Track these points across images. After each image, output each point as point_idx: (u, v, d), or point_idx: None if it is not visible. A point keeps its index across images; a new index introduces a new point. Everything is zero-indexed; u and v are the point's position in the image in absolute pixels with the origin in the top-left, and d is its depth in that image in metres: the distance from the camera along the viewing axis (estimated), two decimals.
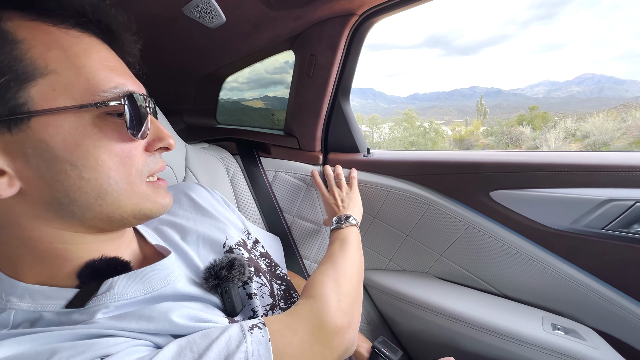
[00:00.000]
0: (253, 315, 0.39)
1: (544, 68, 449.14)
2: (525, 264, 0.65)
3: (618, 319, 0.59)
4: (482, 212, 0.68)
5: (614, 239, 0.57)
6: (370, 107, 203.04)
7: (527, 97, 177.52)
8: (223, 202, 0.54)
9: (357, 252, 0.55)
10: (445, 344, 0.70)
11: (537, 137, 15.17)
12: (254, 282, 0.42)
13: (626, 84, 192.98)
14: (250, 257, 0.45)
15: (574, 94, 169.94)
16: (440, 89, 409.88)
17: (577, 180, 0.58)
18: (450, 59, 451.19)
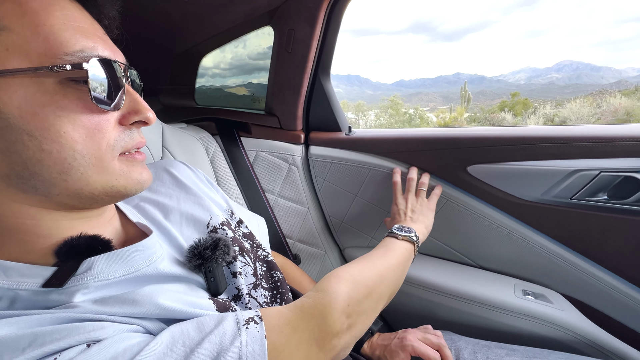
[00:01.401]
0: (238, 293, 0.39)
1: (526, 55, 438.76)
2: (499, 235, 0.68)
3: (582, 284, 0.62)
4: (459, 186, 0.70)
5: (581, 208, 0.60)
6: (356, 93, 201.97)
7: (509, 84, 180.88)
8: (206, 180, 0.53)
9: (396, 270, 0.48)
10: (424, 315, 0.72)
11: (518, 123, 15.58)
12: (238, 262, 0.41)
13: (602, 71, 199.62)
14: (234, 236, 0.44)
15: (554, 80, 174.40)
16: (426, 75, 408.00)
17: (546, 152, 0.60)
18: (435, 45, 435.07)
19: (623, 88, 52.62)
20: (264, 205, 0.83)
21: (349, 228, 0.84)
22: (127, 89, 0.32)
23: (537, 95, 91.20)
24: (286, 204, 0.84)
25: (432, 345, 0.52)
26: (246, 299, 0.39)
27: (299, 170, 0.82)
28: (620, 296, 0.60)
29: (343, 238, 0.86)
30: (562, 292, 0.65)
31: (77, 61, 0.27)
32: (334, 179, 0.81)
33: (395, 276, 0.47)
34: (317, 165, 0.81)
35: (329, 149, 0.80)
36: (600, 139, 0.56)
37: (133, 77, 0.34)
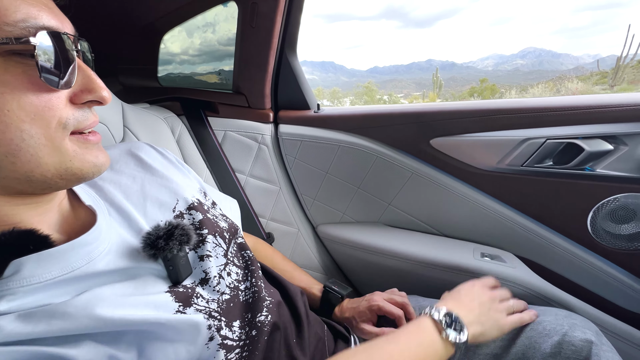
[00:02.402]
0: (205, 276, 0.38)
1: (493, 41, 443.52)
2: (460, 204, 0.72)
3: (532, 244, 0.68)
4: (423, 159, 0.73)
5: (530, 175, 0.65)
6: (331, 80, 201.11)
7: (478, 70, 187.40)
8: (177, 162, 0.50)
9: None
10: (394, 283, 0.76)
11: None
12: (209, 244, 0.40)
13: (562, 58, 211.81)
14: (206, 217, 0.43)
15: (519, 66, 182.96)
16: (399, 62, 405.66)
17: (500, 123, 0.64)
18: (408, 31, 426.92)
19: (580, 74, 56.09)
20: (235, 186, 0.82)
21: (321, 205, 0.86)
22: (79, 64, 0.29)
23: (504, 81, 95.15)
24: (257, 184, 0.84)
25: (396, 304, 0.55)
26: (214, 282, 0.38)
27: (269, 149, 0.82)
28: (563, 253, 0.66)
29: (316, 215, 0.88)
30: (515, 252, 0.70)
31: (20, 33, 0.25)
32: (305, 157, 0.82)
33: None
34: (287, 143, 0.82)
35: (299, 127, 0.81)
36: (546, 109, 0.61)
37: (84, 49, 0.32)
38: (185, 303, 0.34)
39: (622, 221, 0.62)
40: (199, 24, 0.89)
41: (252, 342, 0.38)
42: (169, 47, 0.95)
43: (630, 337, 0.57)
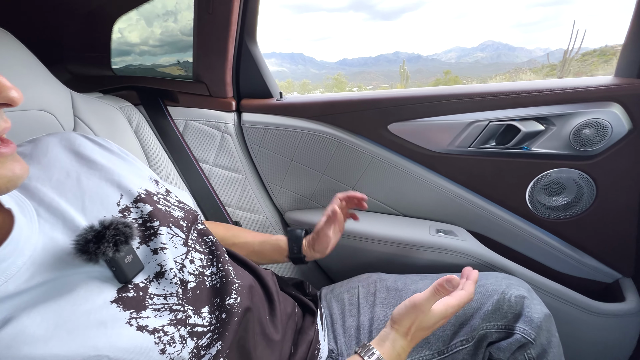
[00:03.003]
0: (160, 270, 0.36)
1: (455, 34, 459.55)
2: (416, 185, 0.77)
3: (479, 218, 0.75)
4: (382, 144, 0.77)
5: (477, 155, 0.71)
6: (300, 72, 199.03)
7: (442, 62, 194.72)
8: (119, 151, 0.46)
9: None
10: (358, 262, 0.80)
11: None
12: (163, 235, 0.38)
13: (517, 51, 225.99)
14: (156, 209, 0.40)
15: (479, 59, 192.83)
16: (368, 54, 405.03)
17: (449, 107, 0.69)
18: (375, 24, 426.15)
19: (533, 66, 60.09)
20: (199, 176, 0.81)
21: (287, 192, 0.88)
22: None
23: (466, 73, 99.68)
24: (222, 173, 0.84)
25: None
26: (171, 274, 0.36)
27: (232, 138, 0.82)
28: (506, 224, 0.73)
29: (283, 202, 0.89)
30: (465, 227, 0.77)
31: None
32: (269, 145, 0.83)
33: None
34: (250, 132, 0.82)
35: (262, 115, 0.81)
36: (488, 94, 0.67)
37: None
38: (138, 308, 0.32)
39: (554, 194, 0.70)
40: (159, 12, 0.86)
41: (222, 325, 0.39)
42: (126, 37, 0.90)
43: (557, 293, 0.66)
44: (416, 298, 0.43)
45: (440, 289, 0.42)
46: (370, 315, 0.59)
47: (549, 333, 0.51)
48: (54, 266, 0.30)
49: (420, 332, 0.44)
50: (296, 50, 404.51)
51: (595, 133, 0.63)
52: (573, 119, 0.63)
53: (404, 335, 0.43)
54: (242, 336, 0.41)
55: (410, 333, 0.43)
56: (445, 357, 0.53)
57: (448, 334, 0.54)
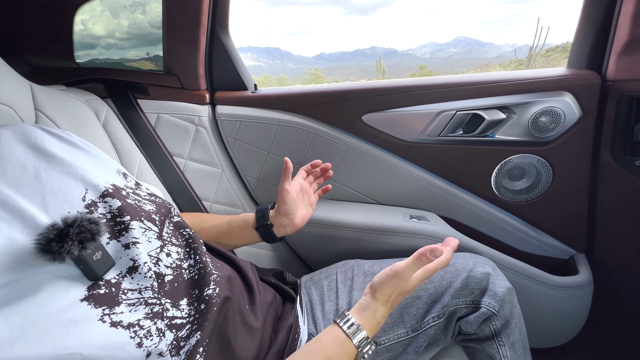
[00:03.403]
0: (133, 264, 0.36)
1: (429, 30, 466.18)
2: (391, 174, 0.80)
3: (450, 204, 0.79)
4: (357, 134, 0.79)
5: (446, 143, 0.75)
6: (277, 67, 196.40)
7: (417, 57, 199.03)
8: (82, 144, 0.43)
9: None
10: (338, 250, 0.82)
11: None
12: (134, 230, 0.37)
13: (487, 46, 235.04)
14: (125, 203, 0.39)
15: (452, 54, 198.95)
16: (345, 48, 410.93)
17: (419, 98, 0.72)
18: (351, 18, 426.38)
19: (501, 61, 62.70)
20: (174, 170, 0.80)
21: (265, 185, 0.88)
22: None
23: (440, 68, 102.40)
24: (198, 167, 0.82)
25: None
26: (144, 268, 0.36)
27: (207, 131, 0.81)
28: (473, 209, 0.78)
29: (261, 195, 0.89)
30: (437, 212, 0.81)
31: None
32: (245, 138, 0.82)
33: None
34: (225, 124, 0.81)
35: (237, 108, 0.81)
36: (455, 85, 0.70)
37: None
38: (111, 304, 0.32)
39: (516, 178, 0.75)
40: (125, 3, 0.82)
41: (201, 315, 0.39)
42: (90, 29, 0.86)
43: (519, 269, 0.71)
44: (398, 267, 0.44)
45: (422, 259, 0.43)
46: (349, 299, 0.61)
47: (511, 305, 0.55)
48: (14, 267, 0.29)
49: (399, 297, 0.46)
50: (273, 45, 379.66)
51: (550, 120, 0.68)
52: (531, 108, 0.68)
53: (384, 303, 0.45)
54: (221, 325, 0.42)
55: (390, 300, 0.45)
56: (419, 334, 0.57)
57: (421, 312, 0.57)
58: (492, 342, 0.55)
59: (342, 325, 0.43)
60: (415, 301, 0.57)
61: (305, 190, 0.63)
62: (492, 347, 0.55)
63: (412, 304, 0.57)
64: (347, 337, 0.43)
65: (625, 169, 0.65)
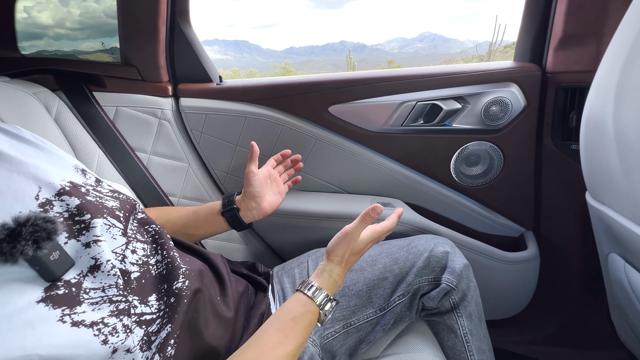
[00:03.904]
0: (95, 263, 0.35)
1: (397, 25, 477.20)
2: (358, 164, 0.83)
3: (413, 190, 0.83)
4: (324, 125, 0.81)
5: (409, 132, 0.79)
6: (246, 61, 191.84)
7: (386, 52, 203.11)
8: (34, 140, 0.42)
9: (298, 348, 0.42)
10: (309, 239, 0.84)
11: None
12: (97, 228, 0.37)
13: (451, 42, 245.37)
14: (85, 201, 0.38)
15: (418, 49, 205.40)
16: (314, 43, 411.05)
17: (383, 89, 0.75)
18: (320, 12, 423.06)
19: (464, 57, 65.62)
20: (137, 166, 0.77)
21: (235, 178, 0.87)
22: None
23: (408, 63, 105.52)
24: (163, 162, 0.80)
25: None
26: (108, 266, 0.35)
27: (171, 124, 0.78)
28: (435, 194, 0.83)
29: (231, 188, 0.89)
30: (402, 199, 0.85)
31: None
32: (212, 131, 0.81)
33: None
34: (190, 117, 0.80)
35: (202, 100, 0.79)
36: (415, 77, 0.74)
37: None
38: (71, 304, 0.31)
39: (473, 164, 0.81)
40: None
41: (171, 309, 0.39)
42: (35, 17, 0.80)
43: (475, 247, 0.77)
44: (347, 228, 0.48)
45: (366, 217, 0.48)
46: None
47: (467, 280, 0.60)
48: None
49: (352, 257, 0.50)
50: (241, 38, 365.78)
51: (500, 109, 0.73)
52: (483, 98, 0.73)
53: (339, 263, 0.48)
54: (192, 317, 0.42)
55: (344, 260, 0.49)
56: (387, 312, 0.60)
57: (388, 292, 0.61)
58: (452, 314, 0.60)
59: (305, 290, 0.46)
60: (382, 282, 0.61)
61: (275, 179, 0.65)
62: (452, 318, 0.60)
63: (379, 285, 0.61)
64: (309, 297, 0.45)
65: (563, 152, 0.73)
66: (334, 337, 0.58)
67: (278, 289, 0.66)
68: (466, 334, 0.60)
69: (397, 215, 0.53)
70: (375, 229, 0.51)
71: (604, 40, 0.64)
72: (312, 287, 0.46)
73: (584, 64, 0.67)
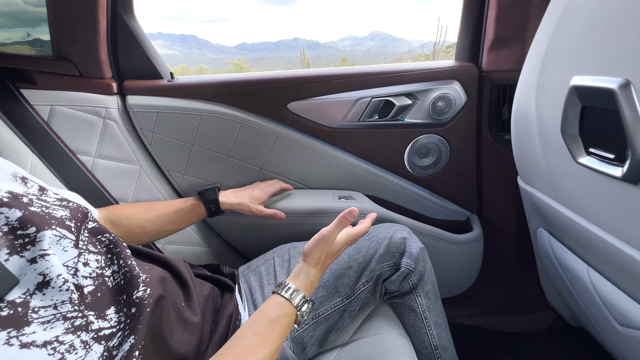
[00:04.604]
0: (44, 279, 0.32)
1: (348, 23, 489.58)
2: (318, 159, 0.84)
3: (372, 183, 0.88)
4: (284, 122, 0.81)
5: (365, 127, 0.83)
6: (195, 57, 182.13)
7: (339, 50, 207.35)
8: None
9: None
10: (272, 236, 0.84)
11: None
12: (44, 241, 0.34)
13: (399, 42, 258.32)
14: (28, 212, 0.35)
15: (370, 48, 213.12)
16: (267, 39, 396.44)
17: (339, 87, 0.78)
18: (271, 8, 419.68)
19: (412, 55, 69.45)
20: (79, 170, 0.70)
21: (192, 179, 0.84)
22: None
23: (360, 61, 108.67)
24: (110, 165, 0.74)
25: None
26: (59, 281, 0.33)
27: (118, 124, 0.73)
28: (391, 185, 0.88)
29: (188, 190, 0.85)
30: (362, 191, 0.89)
31: None
32: (165, 130, 0.77)
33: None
34: (140, 116, 0.75)
35: (152, 98, 0.75)
36: (369, 74, 0.78)
37: None
38: (18, 326, 0.29)
39: (424, 156, 0.87)
40: None
41: (133, 319, 0.38)
42: None
43: (429, 232, 0.84)
44: (324, 231, 0.50)
45: (343, 220, 0.50)
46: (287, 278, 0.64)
47: (424, 262, 0.65)
48: None
49: (328, 259, 0.52)
50: (188, 32, 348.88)
51: (445, 104, 0.80)
52: (430, 94, 0.79)
53: (315, 265, 0.50)
54: (156, 325, 0.41)
55: (320, 262, 0.51)
56: (352, 299, 0.63)
57: (353, 280, 0.63)
58: (411, 295, 0.65)
59: (282, 293, 0.47)
60: (347, 271, 0.63)
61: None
62: (411, 298, 0.65)
63: (345, 274, 0.63)
64: (286, 299, 0.46)
65: (499, 142, 0.82)
66: (303, 329, 0.60)
67: (245, 287, 0.66)
68: (424, 311, 0.65)
69: (371, 220, 0.57)
70: (351, 231, 0.54)
71: (527, 42, 0.74)
72: (289, 289, 0.47)
73: (511, 64, 0.76)
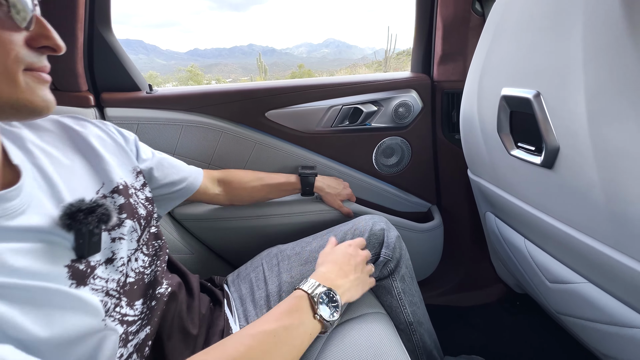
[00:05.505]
0: (112, 256, 0.39)
1: (304, 30, 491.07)
2: (296, 163, 0.91)
3: (350, 185, 0.96)
4: (262, 130, 0.86)
5: (338, 132, 0.91)
6: (143, 63, 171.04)
7: (295, 56, 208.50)
8: (118, 134, 0.51)
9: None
10: (257, 240, 0.88)
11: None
12: (126, 227, 0.42)
13: (353, 49, 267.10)
14: (127, 202, 0.44)
15: (325, 55, 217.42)
16: (221, 45, 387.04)
17: (314, 96, 0.85)
18: (223, 14, 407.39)
19: (366, 62, 72.37)
20: None
21: None
22: (35, 12, 0.31)
23: (316, 67, 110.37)
24: None
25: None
26: (119, 262, 0.40)
27: None
28: (363, 184, 0.97)
29: None
30: None
31: None
32: (145, 141, 0.76)
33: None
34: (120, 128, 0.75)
35: (131, 110, 0.76)
36: (340, 85, 0.86)
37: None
38: (80, 282, 0.35)
39: (389, 156, 0.98)
40: None
41: (151, 311, 0.43)
42: None
43: (399, 223, 0.95)
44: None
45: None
46: (278, 282, 0.66)
47: (400, 249, 0.73)
48: (39, 221, 0.34)
49: (333, 266, 0.55)
50: (133, 37, 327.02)
51: (405, 110, 0.92)
52: (392, 101, 0.90)
53: (321, 264, 0.57)
54: (161, 324, 0.45)
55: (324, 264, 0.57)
56: None
57: None
58: (388, 279, 0.73)
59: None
60: None
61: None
62: (389, 283, 0.73)
63: None
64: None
65: (450, 141, 0.95)
66: None
67: (235, 297, 0.67)
68: (399, 293, 0.73)
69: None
70: (349, 242, 0.64)
71: (468, 58, 0.88)
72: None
73: (457, 75, 0.90)
